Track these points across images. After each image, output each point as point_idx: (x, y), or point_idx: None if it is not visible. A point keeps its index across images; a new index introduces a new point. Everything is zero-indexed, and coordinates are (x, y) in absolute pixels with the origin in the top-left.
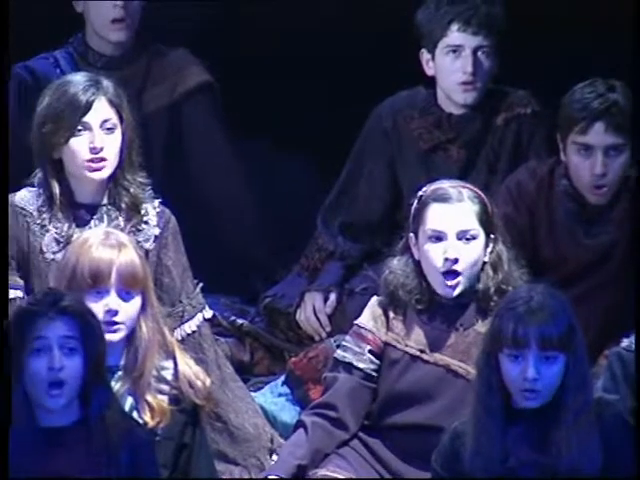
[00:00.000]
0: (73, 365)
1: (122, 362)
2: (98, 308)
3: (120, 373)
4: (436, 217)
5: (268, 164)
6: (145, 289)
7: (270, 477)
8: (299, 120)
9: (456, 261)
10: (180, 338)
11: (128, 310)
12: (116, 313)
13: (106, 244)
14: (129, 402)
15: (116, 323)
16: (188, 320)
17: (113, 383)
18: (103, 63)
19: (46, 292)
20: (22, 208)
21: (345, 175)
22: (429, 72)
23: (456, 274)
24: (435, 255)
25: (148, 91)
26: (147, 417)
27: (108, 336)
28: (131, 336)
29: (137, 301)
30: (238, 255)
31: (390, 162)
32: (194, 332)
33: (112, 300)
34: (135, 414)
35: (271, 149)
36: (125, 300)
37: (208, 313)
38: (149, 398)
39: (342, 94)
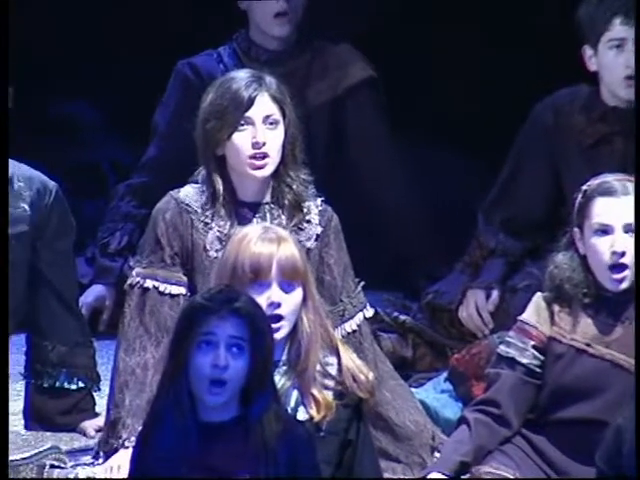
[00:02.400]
0: (237, 366)
1: (285, 357)
2: (261, 301)
3: (284, 368)
4: (602, 211)
5: (430, 161)
6: (305, 282)
7: (433, 475)
8: (459, 117)
9: (623, 254)
10: (340, 337)
11: (290, 302)
12: (279, 305)
13: (265, 238)
14: (295, 396)
15: (280, 317)
16: (349, 319)
17: (278, 378)
18: (266, 59)
19: (221, 289)
20: (187, 205)
21: (506, 172)
22: (592, 68)
23: (623, 267)
24: (602, 249)
25: (311, 87)
26: (313, 411)
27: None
28: (294, 331)
29: (299, 293)
30: (400, 251)
31: (551, 159)
32: (354, 331)
33: (274, 292)
34: (301, 408)
35: (433, 146)
36: (287, 292)
37: (369, 312)
38: (315, 392)
39: (501, 91)
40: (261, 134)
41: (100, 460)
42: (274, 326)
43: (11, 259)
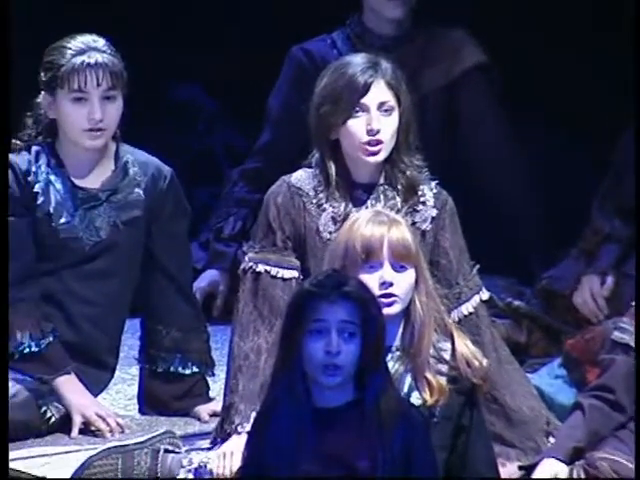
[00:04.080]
0: (350, 350)
1: (399, 342)
2: (373, 281)
3: (398, 353)
4: None
5: (545, 146)
6: (418, 264)
7: (547, 460)
8: (574, 102)
9: None
10: (457, 320)
11: (402, 282)
12: (390, 284)
13: (376, 221)
14: (408, 382)
15: (391, 295)
16: (465, 302)
17: (392, 363)
18: (380, 44)
19: (329, 274)
20: (298, 188)
21: (621, 157)
22: None
23: None
24: None
25: (424, 72)
26: (426, 395)
27: (385, 310)
28: (406, 315)
29: (411, 274)
30: (514, 237)
31: None
32: (471, 314)
33: (386, 272)
34: (415, 393)
35: (547, 131)
36: (399, 272)
37: (485, 295)
38: (428, 376)
39: (617, 76)
40: (376, 121)
41: (217, 446)
42: (385, 301)
43: (126, 244)
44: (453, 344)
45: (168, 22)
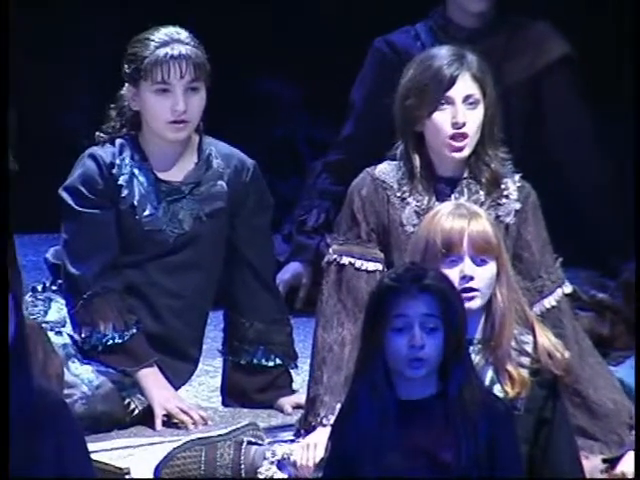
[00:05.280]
0: (433, 344)
1: (480, 334)
2: (453, 275)
3: (479, 346)
4: None
5: (628, 139)
6: (499, 257)
7: (630, 453)
8: None
9: None
10: (539, 313)
11: (483, 276)
12: (471, 279)
13: (456, 214)
14: (490, 374)
15: (472, 289)
16: (547, 295)
17: (473, 356)
18: (464, 36)
19: (407, 267)
20: (382, 181)
21: None
22: None
23: None
24: None
25: (508, 64)
26: (508, 388)
27: (466, 304)
28: (488, 307)
29: (492, 267)
30: (597, 229)
31: None
32: (553, 307)
33: (467, 266)
34: (497, 385)
35: (630, 124)
36: (479, 266)
37: (568, 288)
38: (510, 368)
39: None
40: (461, 114)
41: (300, 438)
42: (466, 296)
43: (209, 236)
44: (535, 336)
45: (251, 14)
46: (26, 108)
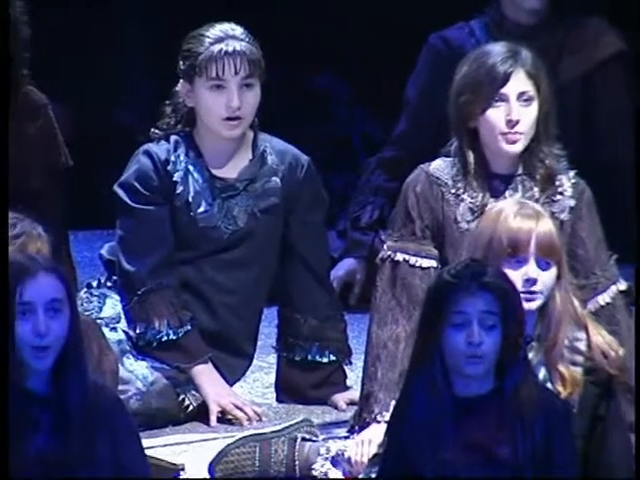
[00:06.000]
0: (491, 341)
1: (536, 333)
2: (517, 277)
3: (534, 344)
4: None
5: None
6: (560, 260)
7: None
8: None
9: None
10: (593, 310)
11: (546, 279)
12: (535, 282)
13: (523, 214)
14: (542, 372)
15: (534, 292)
16: (602, 292)
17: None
18: (518, 33)
19: (467, 264)
20: (437, 177)
21: None
22: None
23: None
24: None
25: (563, 61)
26: (560, 387)
27: (526, 305)
28: (544, 307)
29: (554, 271)
30: None
31: None
32: (608, 304)
33: (531, 269)
34: (548, 384)
35: None
36: (543, 269)
37: (622, 285)
38: (562, 368)
39: None
40: (515, 112)
41: (354, 434)
42: (527, 297)
43: (263, 232)
44: (588, 334)
45: (309, 11)
46: (82, 105)
